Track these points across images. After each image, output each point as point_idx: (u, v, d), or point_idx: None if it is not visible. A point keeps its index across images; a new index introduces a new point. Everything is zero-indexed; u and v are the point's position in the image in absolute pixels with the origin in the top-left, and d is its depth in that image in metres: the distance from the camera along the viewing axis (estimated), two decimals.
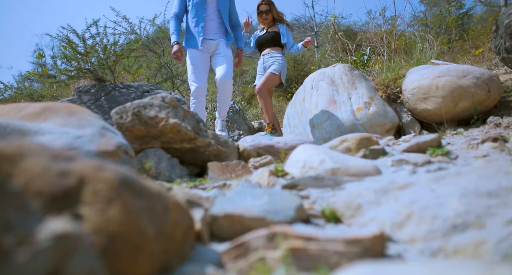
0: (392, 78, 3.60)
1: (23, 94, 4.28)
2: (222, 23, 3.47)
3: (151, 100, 2.03)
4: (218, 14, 3.46)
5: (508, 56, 3.48)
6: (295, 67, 14.80)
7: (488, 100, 3.04)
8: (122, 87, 3.81)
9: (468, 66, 3.17)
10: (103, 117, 3.51)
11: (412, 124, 3.34)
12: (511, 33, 3.32)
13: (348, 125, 3.30)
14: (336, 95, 3.54)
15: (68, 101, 3.52)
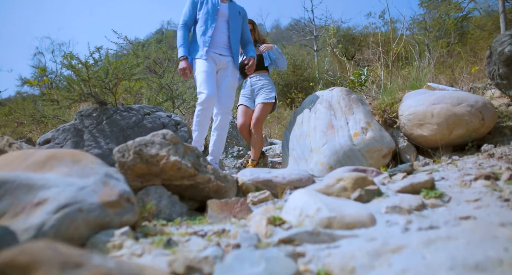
0: (388, 102, 3.65)
1: (26, 114, 4.32)
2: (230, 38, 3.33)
3: (152, 137, 2.08)
4: (227, 29, 3.32)
5: (502, 82, 3.53)
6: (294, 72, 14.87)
7: (482, 128, 3.09)
8: (123, 110, 3.85)
9: (463, 93, 3.22)
10: (104, 142, 3.56)
11: (408, 149, 3.39)
12: (504, 60, 3.38)
13: (346, 150, 3.34)
14: (334, 120, 3.59)
15: (71, 125, 3.56)
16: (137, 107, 4.00)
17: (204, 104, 3.04)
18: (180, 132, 3.85)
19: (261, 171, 2.32)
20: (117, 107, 3.85)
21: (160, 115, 4.00)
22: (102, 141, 3.56)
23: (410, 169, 2.67)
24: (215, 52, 3.24)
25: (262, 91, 3.99)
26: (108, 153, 3.49)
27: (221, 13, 3.25)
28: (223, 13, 3.26)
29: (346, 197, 1.84)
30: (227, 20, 3.28)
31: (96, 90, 3.74)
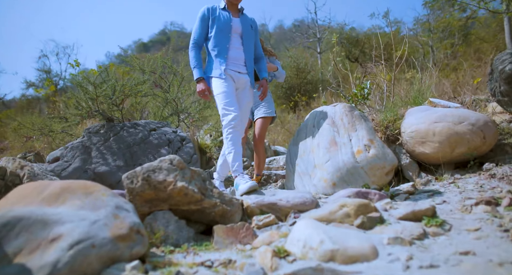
0: (391, 119, 3.68)
1: (35, 129, 4.40)
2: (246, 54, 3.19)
3: (160, 163, 2.12)
4: (241, 44, 3.16)
5: (503, 99, 3.56)
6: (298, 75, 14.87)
7: (483, 146, 3.11)
8: (130, 126, 3.91)
9: (464, 111, 3.26)
10: (111, 158, 3.61)
11: (410, 166, 3.41)
12: (505, 78, 3.41)
13: (349, 167, 3.37)
14: (337, 136, 3.62)
15: (79, 142, 3.62)
16: (143, 123, 4.05)
17: (234, 124, 2.91)
18: (185, 148, 3.90)
19: (266, 195, 2.36)
20: (124, 123, 3.91)
21: (166, 131, 4.05)
22: (110, 158, 3.62)
23: (412, 189, 2.70)
24: (232, 70, 3.09)
25: (262, 105, 3.93)
26: (116, 170, 3.55)
27: (234, 29, 3.10)
28: (236, 28, 3.11)
29: (349, 223, 1.88)
30: (240, 36, 3.14)
31: (103, 107, 3.80)
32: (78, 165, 3.45)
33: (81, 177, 3.41)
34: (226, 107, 2.93)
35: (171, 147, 3.89)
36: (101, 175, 3.49)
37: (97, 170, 3.49)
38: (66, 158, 3.46)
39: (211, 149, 6.62)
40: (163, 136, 3.94)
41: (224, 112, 2.95)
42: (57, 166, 3.38)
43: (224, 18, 3.09)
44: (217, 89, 3.01)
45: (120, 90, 3.73)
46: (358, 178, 3.37)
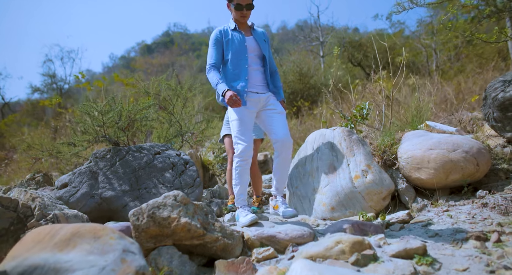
0: (388, 143, 3.77)
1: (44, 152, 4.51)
2: (266, 73, 3.04)
3: (164, 199, 2.21)
4: (261, 63, 3.02)
5: (497, 124, 3.64)
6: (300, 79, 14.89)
7: (477, 173, 3.19)
8: (135, 150, 4.01)
9: (458, 138, 3.33)
10: (117, 183, 3.71)
11: (407, 191, 3.49)
12: (498, 105, 3.49)
13: (347, 192, 3.45)
14: (335, 161, 3.71)
15: (86, 168, 3.72)
16: (148, 146, 4.15)
17: (244, 156, 2.82)
18: (189, 171, 3.99)
19: (265, 227, 2.44)
20: (129, 147, 4.01)
21: (170, 154, 4.15)
22: (116, 182, 3.71)
23: (407, 218, 2.78)
24: (251, 91, 2.95)
25: (255, 126, 3.86)
26: (121, 194, 3.64)
27: (250, 49, 2.97)
28: (252, 48, 2.98)
29: (344, 260, 1.96)
30: (258, 55, 3.00)
31: (109, 132, 3.91)
32: (86, 191, 3.54)
33: (89, 202, 3.51)
34: (239, 136, 2.85)
35: (175, 170, 3.98)
36: (107, 199, 3.58)
37: (103, 195, 3.58)
38: (74, 184, 3.56)
39: (214, 166, 6.71)
40: (167, 160, 4.04)
41: (236, 140, 2.87)
42: (65, 192, 3.47)
43: (237, 39, 2.97)
44: (232, 115, 2.94)
45: (126, 115, 3.84)
46: (356, 203, 3.45)
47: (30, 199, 2.64)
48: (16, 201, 2.59)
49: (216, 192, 5.29)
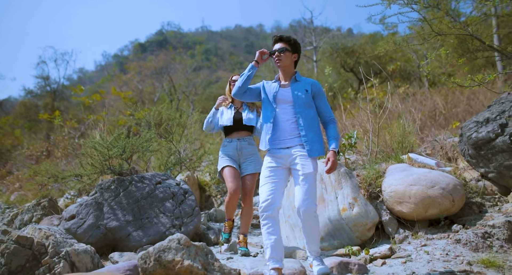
0: (373, 177, 4.00)
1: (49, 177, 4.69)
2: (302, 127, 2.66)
3: (169, 243, 2.41)
4: (293, 115, 2.70)
5: (472, 160, 3.90)
6: None
7: (452, 208, 3.43)
8: (138, 181, 4.20)
9: (436, 175, 3.58)
10: (121, 214, 3.90)
11: (390, 223, 3.71)
12: (472, 144, 3.75)
13: (335, 223, 3.67)
14: (324, 193, 3.93)
15: (92, 199, 3.91)
16: (149, 176, 4.34)
17: (265, 215, 2.53)
18: (188, 201, 4.19)
19: (260, 264, 2.64)
20: (132, 177, 4.19)
21: (170, 183, 4.34)
22: (120, 213, 3.89)
23: (388, 253, 3.00)
24: (277, 148, 2.69)
25: (252, 159, 3.64)
26: (125, 224, 3.82)
27: (281, 101, 2.73)
28: (284, 100, 2.73)
29: None
30: (292, 105, 2.71)
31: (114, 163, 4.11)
32: (92, 222, 3.72)
33: (95, 233, 3.68)
34: (261, 191, 2.60)
35: (175, 200, 4.17)
36: (112, 230, 3.76)
37: (108, 225, 3.76)
38: (81, 215, 3.74)
39: (210, 187, 6.90)
40: (168, 190, 4.23)
41: (260, 194, 2.64)
42: (73, 224, 3.65)
43: (270, 90, 2.81)
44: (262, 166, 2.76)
45: (130, 148, 4.04)
46: (344, 233, 3.67)
47: (44, 237, 2.82)
48: (31, 239, 2.77)
49: (212, 215, 5.48)
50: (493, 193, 3.78)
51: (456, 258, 2.70)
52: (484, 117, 3.80)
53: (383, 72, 14.26)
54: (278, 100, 2.74)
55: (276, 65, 2.80)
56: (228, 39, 78.92)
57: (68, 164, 9.63)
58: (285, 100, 2.74)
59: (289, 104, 2.72)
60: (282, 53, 2.72)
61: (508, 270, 2.43)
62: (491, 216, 3.33)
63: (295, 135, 2.68)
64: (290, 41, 2.77)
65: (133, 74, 26.86)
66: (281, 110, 2.72)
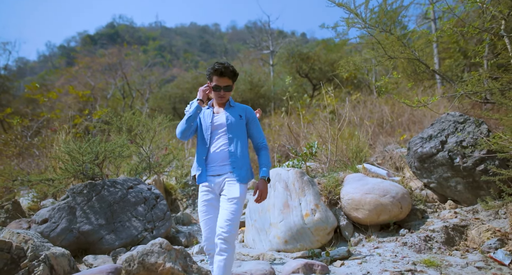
0: (333, 185, 4.34)
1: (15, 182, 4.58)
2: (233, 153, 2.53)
3: (152, 247, 2.56)
4: (226, 141, 2.56)
5: (417, 171, 4.36)
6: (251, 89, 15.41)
7: (400, 214, 3.84)
8: (110, 185, 4.24)
9: (387, 185, 3.98)
10: (94, 217, 3.93)
11: (347, 227, 4.06)
12: (417, 157, 4.21)
13: (299, 228, 3.95)
14: (289, 200, 4.21)
15: (65, 203, 3.91)
16: (121, 180, 4.39)
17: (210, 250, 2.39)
18: (159, 205, 4.29)
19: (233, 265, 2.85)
20: (104, 181, 4.23)
21: (142, 188, 4.42)
22: (93, 217, 3.92)
23: (347, 255, 3.32)
24: (211, 175, 2.54)
25: None
26: (98, 228, 3.86)
27: (216, 126, 2.59)
28: (218, 126, 2.59)
29: None
30: (225, 133, 2.57)
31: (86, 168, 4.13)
32: (65, 226, 3.73)
33: (68, 236, 3.70)
34: (201, 227, 2.46)
35: (147, 204, 4.26)
36: (85, 233, 3.79)
37: (81, 229, 3.79)
38: (54, 219, 3.73)
39: (176, 191, 6.98)
40: (140, 194, 4.31)
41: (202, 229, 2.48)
42: (46, 227, 3.64)
43: (204, 115, 2.65)
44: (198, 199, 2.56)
45: (103, 154, 4.09)
46: (306, 237, 3.96)
47: (23, 241, 2.84)
48: (10, 243, 2.78)
49: (180, 218, 5.59)
50: (433, 201, 4.26)
51: (403, 259, 3.06)
52: (428, 134, 4.28)
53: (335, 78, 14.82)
54: (213, 126, 2.58)
55: (218, 101, 2.61)
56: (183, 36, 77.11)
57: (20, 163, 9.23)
58: (220, 126, 2.58)
59: (223, 129, 2.57)
60: (228, 91, 2.58)
61: (445, 269, 2.83)
62: (432, 221, 3.77)
63: (226, 162, 2.54)
64: (235, 76, 2.59)
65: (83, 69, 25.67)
66: (214, 137, 2.57)
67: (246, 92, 15.27)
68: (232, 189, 2.44)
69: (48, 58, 60.79)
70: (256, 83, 15.70)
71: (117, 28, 72.20)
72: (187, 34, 79.68)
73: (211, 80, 2.57)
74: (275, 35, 22.88)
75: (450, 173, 3.98)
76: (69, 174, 3.92)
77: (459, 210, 3.89)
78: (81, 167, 3.89)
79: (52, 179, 4.01)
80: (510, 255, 2.81)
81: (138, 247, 2.57)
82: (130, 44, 36.64)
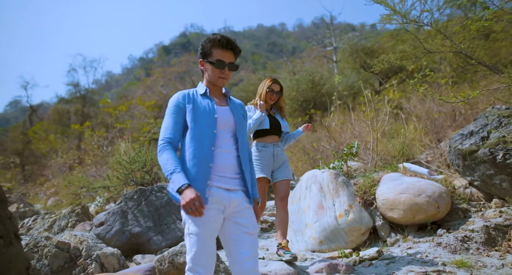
0: (368, 185, 4.28)
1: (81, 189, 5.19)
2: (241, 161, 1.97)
3: (181, 248, 2.80)
4: (235, 144, 1.99)
5: (458, 169, 4.13)
6: (313, 88, 15.08)
7: (438, 214, 3.68)
8: (157, 190, 4.63)
9: (424, 183, 3.83)
10: (143, 220, 4.32)
11: (383, 227, 3.99)
12: (457, 154, 3.99)
13: (332, 228, 3.97)
14: (323, 201, 4.24)
15: (118, 208, 4.35)
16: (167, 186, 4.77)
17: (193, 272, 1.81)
18: None
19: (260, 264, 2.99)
20: (153, 187, 4.62)
21: None
22: (142, 220, 4.32)
23: (376, 255, 3.30)
24: (220, 187, 1.88)
25: (285, 166, 3.52)
26: (146, 230, 4.24)
27: (222, 124, 1.97)
28: (225, 122, 1.98)
29: None
30: (233, 132, 2.00)
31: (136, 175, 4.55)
32: (118, 228, 4.16)
33: (121, 238, 4.12)
34: (194, 261, 1.81)
35: None
36: (135, 235, 4.19)
37: (132, 231, 4.19)
38: (109, 222, 4.19)
39: None
40: None
41: (189, 266, 1.82)
42: (102, 230, 4.10)
43: (205, 108, 1.98)
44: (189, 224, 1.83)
45: (150, 162, 4.47)
46: (340, 238, 3.97)
47: (79, 242, 3.26)
48: (69, 244, 3.21)
49: None
50: (478, 200, 4.00)
51: (434, 259, 2.97)
52: (468, 130, 4.03)
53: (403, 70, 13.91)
54: (219, 123, 1.95)
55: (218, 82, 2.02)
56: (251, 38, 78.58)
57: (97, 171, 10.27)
58: (227, 123, 1.98)
59: (231, 129, 1.99)
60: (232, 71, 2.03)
61: (477, 270, 2.70)
62: (473, 221, 3.57)
63: (236, 174, 1.95)
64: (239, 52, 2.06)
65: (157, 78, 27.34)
66: (220, 138, 1.94)
67: (308, 91, 14.95)
68: (251, 218, 1.93)
69: (130, 70, 66.19)
70: (318, 82, 15.34)
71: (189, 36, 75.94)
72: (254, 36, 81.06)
73: (209, 55, 1.99)
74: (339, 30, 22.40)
75: (494, 170, 3.73)
76: (121, 181, 4.36)
77: (505, 209, 3.62)
78: (131, 174, 4.31)
79: (107, 186, 4.50)
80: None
81: (171, 248, 2.83)
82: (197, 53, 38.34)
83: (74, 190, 5.22)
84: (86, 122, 21.36)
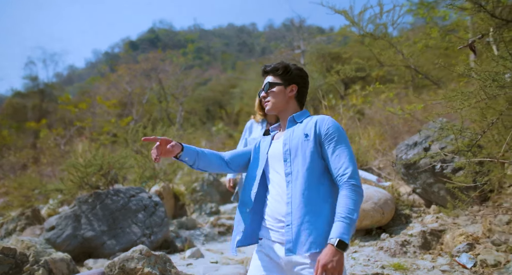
0: None
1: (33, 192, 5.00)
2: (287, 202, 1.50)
3: (132, 253, 2.81)
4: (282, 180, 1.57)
5: (404, 177, 4.42)
6: None
7: (383, 220, 3.93)
8: (113, 194, 4.57)
9: (372, 191, 4.07)
10: (97, 224, 4.26)
11: None
12: (403, 164, 4.27)
13: None
14: None
15: (71, 212, 4.26)
16: (124, 189, 4.71)
17: None
18: (158, 212, 4.57)
19: (212, 269, 3.06)
20: (108, 190, 4.55)
21: (143, 196, 4.72)
22: (96, 224, 4.25)
23: None
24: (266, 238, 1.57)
25: None
26: (100, 234, 4.18)
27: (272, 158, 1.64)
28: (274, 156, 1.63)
29: None
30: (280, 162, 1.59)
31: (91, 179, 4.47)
32: (70, 232, 4.07)
33: (72, 242, 4.04)
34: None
35: (147, 211, 4.55)
36: (88, 239, 4.12)
37: (85, 235, 4.12)
38: (61, 226, 4.09)
39: (184, 196, 7.28)
40: (140, 202, 4.61)
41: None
42: (53, 234, 4.00)
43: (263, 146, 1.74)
44: None
45: (107, 166, 4.41)
46: None
47: (26, 247, 3.17)
48: (15, 250, 3.12)
49: (184, 223, 5.86)
50: (420, 206, 4.30)
51: (375, 263, 3.17)
52: (413, 140, 4.33)
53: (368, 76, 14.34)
54: (269, 157, 1.65)
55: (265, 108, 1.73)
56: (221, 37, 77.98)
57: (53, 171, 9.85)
58: (275, 155, 1.63)
59: (278, 160, 1.61)
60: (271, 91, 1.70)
61: (411, 272, 2.92)
62: (413, 226, 3.83)
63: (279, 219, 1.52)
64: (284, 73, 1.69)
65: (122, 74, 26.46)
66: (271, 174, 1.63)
67: None
68: None
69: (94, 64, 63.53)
70: None
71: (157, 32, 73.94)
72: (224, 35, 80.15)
73: None
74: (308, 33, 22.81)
75: (433, 179, 4.03)
76: (75, 185, 4.26)
77: (441, 215, 3.93)
78: (86, 178, 4.23)
79: (61, 189, 4.38)
80: (474, 259, 2.86)
81: (122, 254, 2.83)
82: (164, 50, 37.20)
83: (25, 192, 5.02)
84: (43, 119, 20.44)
